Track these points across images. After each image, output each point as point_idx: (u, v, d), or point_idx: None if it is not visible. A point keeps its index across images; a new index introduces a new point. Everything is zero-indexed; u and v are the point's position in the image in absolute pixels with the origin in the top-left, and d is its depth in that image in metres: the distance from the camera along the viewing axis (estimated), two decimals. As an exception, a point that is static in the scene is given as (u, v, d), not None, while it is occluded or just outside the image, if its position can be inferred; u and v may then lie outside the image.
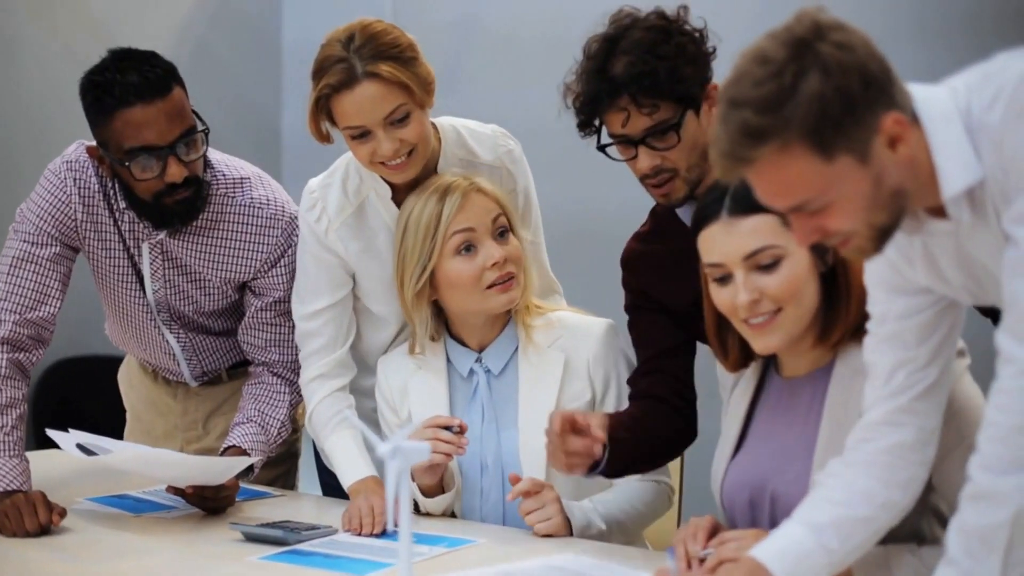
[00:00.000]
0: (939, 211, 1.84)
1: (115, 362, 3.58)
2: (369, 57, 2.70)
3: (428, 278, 2.79)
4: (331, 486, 3.19)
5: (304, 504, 3.13)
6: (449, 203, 2.76)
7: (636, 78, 2.49)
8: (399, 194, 2.90)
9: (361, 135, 2.74)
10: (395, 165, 2.77)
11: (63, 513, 2.75)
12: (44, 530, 2.70)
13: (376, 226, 2.94)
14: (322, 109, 2.77)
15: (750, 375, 2.46)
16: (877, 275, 2.03)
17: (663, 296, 2.71)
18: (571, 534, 2.64)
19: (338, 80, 2.70)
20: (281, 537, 2.61)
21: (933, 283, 1.96)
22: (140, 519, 2.87)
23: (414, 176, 2.83)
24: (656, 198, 2.67)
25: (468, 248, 2.77)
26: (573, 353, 2.83)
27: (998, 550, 1.78)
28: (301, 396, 3.10)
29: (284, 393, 3.11)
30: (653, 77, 2.49)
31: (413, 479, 2.73)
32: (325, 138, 2.84)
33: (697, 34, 2.57)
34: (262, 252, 3.07)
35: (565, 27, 5.05)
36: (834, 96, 1.71)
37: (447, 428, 2.69)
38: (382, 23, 2.79)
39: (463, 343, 2.89)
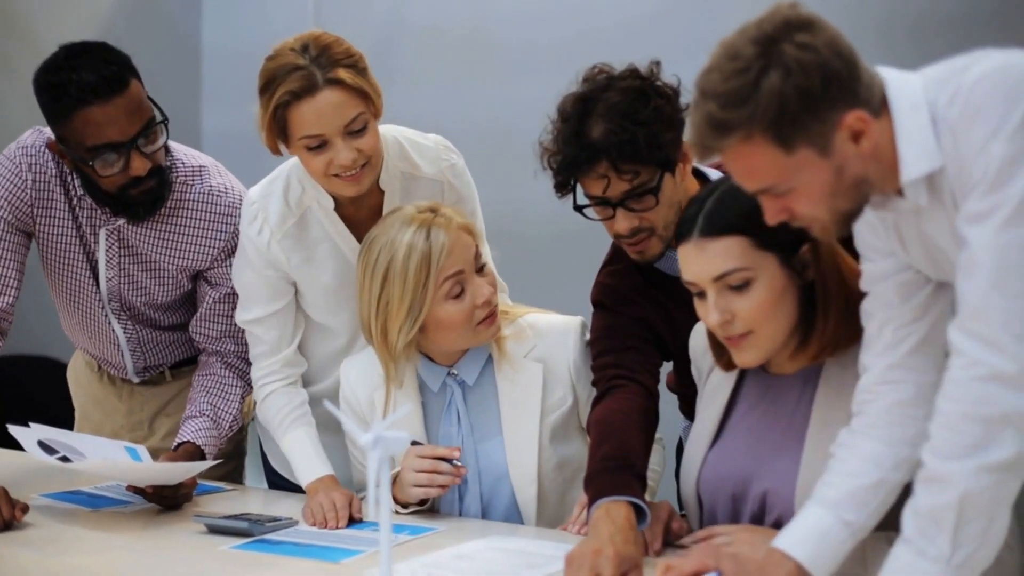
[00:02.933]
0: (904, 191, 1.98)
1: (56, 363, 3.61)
2: (328, 65, 2.71)
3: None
4: (278, 485, 3.27)
5: (257, 498, 3.20)
6: (437, 248, 2.69)
7: (616, 146, 2.50)
8: (341, 206, 2.93)
9: (319, 145, 2.74)
10: (350, 176, 2.78)
11: (25, 509, 2.78)
12: (7, 526, 2.73)
13: (318, 237, 2.96)
14: (279, 120, 2.74)
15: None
16: (862, 236, 2.16)
17: (648, 316, 2.74)
18: None
19: (299, 87, 2.69)
20: (246, 528, 2.67)
21: (900, 255, 2.10)
22: (98, 514, 2.91)
23: (366, 189, 2.85)
24: (631, 255, 2.69)
25: (459, 289, 2.74)
26: (551, 360, 2.84)
27: (947, 529, 1.91)
28: (251, 387, 3.15)
29: (236, 386, 3.16)
30: (633, 145, 2.50)
31: (397, 499, 2.76)
32: (277, 151, 2.82)
33: (670, 91, 2.58)
34: (220, 240, 3.11)
35: (491, 20, 5.18)
36: (794, 94, 1.85)
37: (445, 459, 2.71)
38: (331, 35, 2.80)
39: (431, 359, 2.87)
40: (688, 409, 2.97)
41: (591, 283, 2.89)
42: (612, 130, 2.51)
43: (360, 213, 2.95)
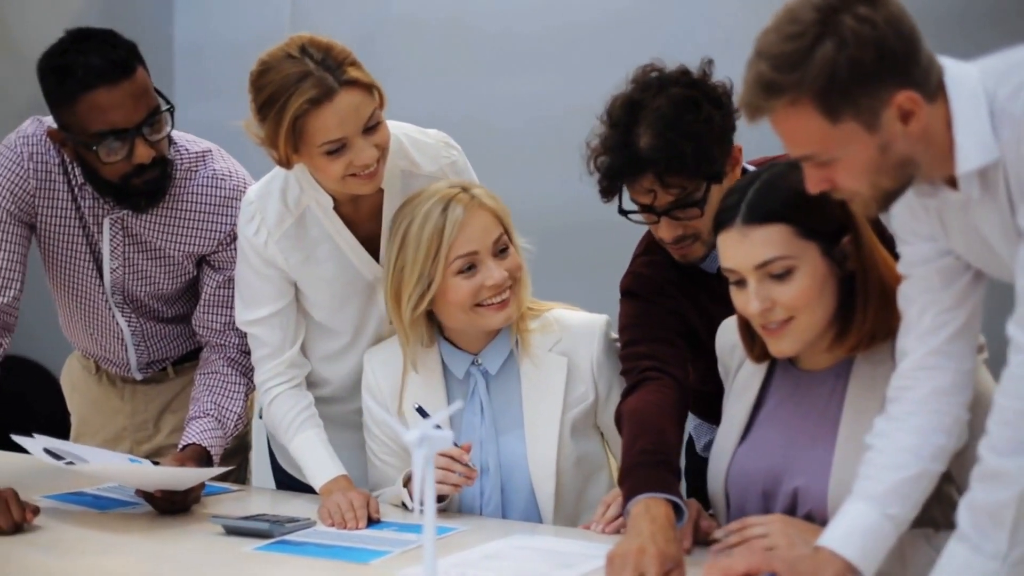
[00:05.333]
0: (954, 181, 1.98)
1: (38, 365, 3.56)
2: (336, 66, 2.66)
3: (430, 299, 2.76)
4: (287, 485, 3.23)
5: (265, 498, 3.17)
6: (451, 222, 2.71)
7: (664, 160, 2.48)
8: (340, 205, 2.90)
9: (338, 149, 2.69)
10: (368, 174, 2.74)
11: (36, 511, 2.74)
12: (17, 528, 2.68)
13: (317, 236, 2.93)
14: (296, 131, 2.67)
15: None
16: (901, 219, 2.15)
17: (682, 309, 2.73)
18: None
19: (316, 93, 2.63)
20: (266, 529, 2.64)
21: (941, 240, 2.10)
22: (107, 515, 2.88)
23: (380, 184, 2.81)
24: (675, 257, 2.68)
25: (470, 267, 2.74)
26: (575, 356, 2.83)
27: (1005, 526, 1.91)
28: (254, 384, 3.11)
29: (239, 384, 3.12)
30: (681, 159, 2.48)
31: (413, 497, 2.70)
32: (290, 164, 2.76)
33: (722, 94, 2.54)
34: (225, 224, 3.08)
35: (474, 14, 5.14)
36: (846, 66, 1.86)
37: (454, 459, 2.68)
38: (317, 35, 2.73)
39: (457, 346, 2.87)
40: (700, 407, 2.97)
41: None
42: (660, 144, 2.48)
43: (359, 212, 2.94)
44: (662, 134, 2.48)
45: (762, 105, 1.92)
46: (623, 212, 2.62)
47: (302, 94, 2.64)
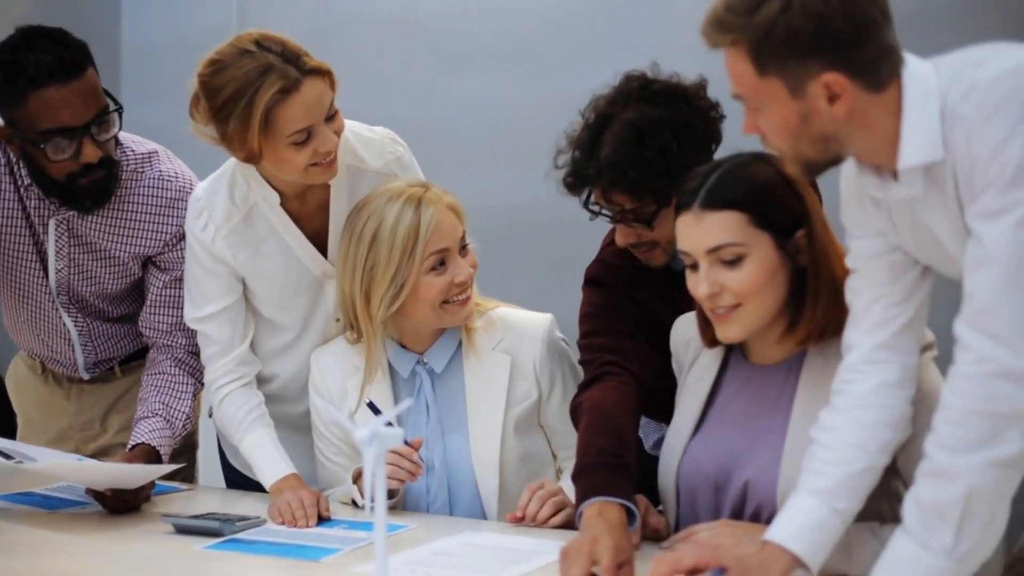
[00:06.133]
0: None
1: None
2: (294, 57, 2.69)
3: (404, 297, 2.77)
4: (235, 482, 3.25)
5: (215, 497, 3.17)
6: (426, 221, 2.74)
7: (609, 180, 2.56)
8: (288, 201, 2.92)
9: (305, 139, 2.71)
10: (328, 162, 2.77)
11: (-17, 511, 2.74)
12: (-36, 528, 2.68)
13: (264, 233, 2.95)
14: (269, 124, 2.69)
15: (712, 355, 2.54)
16: (851, 214, 2.19)
17: (650, 302, 2.75)
18: None
19: (283, 85, 2.66)
20: (216, 528, 2.64)
21: (890, 235, 2.13)
22: (57, 515, 2.87)
23: (338, 171, 2.84)
24: (640, 258, 2.73)
25: (441, 264, 2.78)
26: (518, 354, 2.87)
27: (951, 523, 1.94)
28: (202, 384, 3.12)
29: (187, 384, 3.12)
30: (623, 182, 2.56)
31: (362, 493, 2.73)
32: (261, 158, 2.77)
33: (698, 117, 2.59)
34: (171, 226, 3.08)
35: (425, 11, 5.12)
36: (782, 29, 1.92)
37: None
38: (263, 30, 2.76)
39: (403, 345, 2.90)
40: (649, 404, 2.98)
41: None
42: (611, 160, 2.54)
43: (306, 208, 2.96)
44: (616, 151, 2.54)
45: (711, 38, 2.00)
46: (588, 208, 2.66)
47: (271, 86, 2.66)
